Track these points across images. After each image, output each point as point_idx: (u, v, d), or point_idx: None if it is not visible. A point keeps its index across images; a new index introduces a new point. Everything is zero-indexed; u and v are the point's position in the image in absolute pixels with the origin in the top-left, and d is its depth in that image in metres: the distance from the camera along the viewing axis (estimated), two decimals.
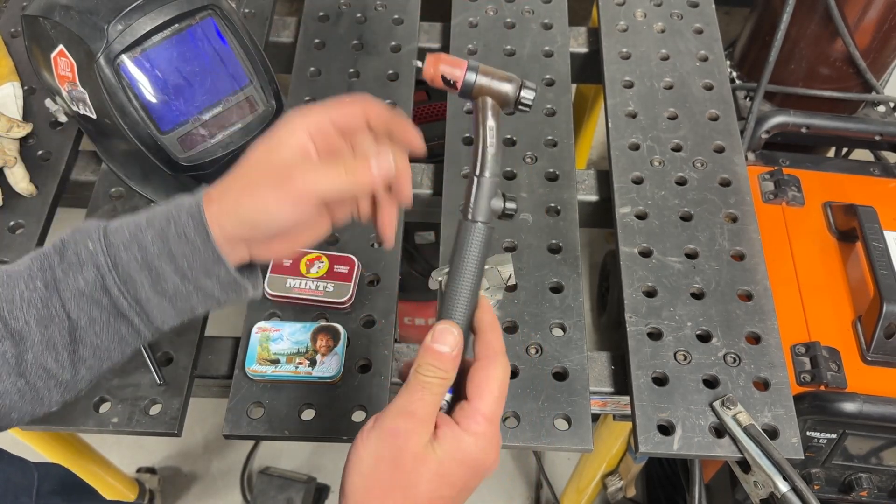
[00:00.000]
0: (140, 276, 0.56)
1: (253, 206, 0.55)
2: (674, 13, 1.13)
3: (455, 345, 0.50)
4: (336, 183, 0.54)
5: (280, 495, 1.60)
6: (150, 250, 0.55)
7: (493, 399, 0.49)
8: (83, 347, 0.57)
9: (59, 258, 0.56)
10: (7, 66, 1.00)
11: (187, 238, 0.55)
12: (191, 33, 0.80)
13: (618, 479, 1.30)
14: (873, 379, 0.86)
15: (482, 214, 0.50)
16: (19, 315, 0.55)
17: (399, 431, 0.47)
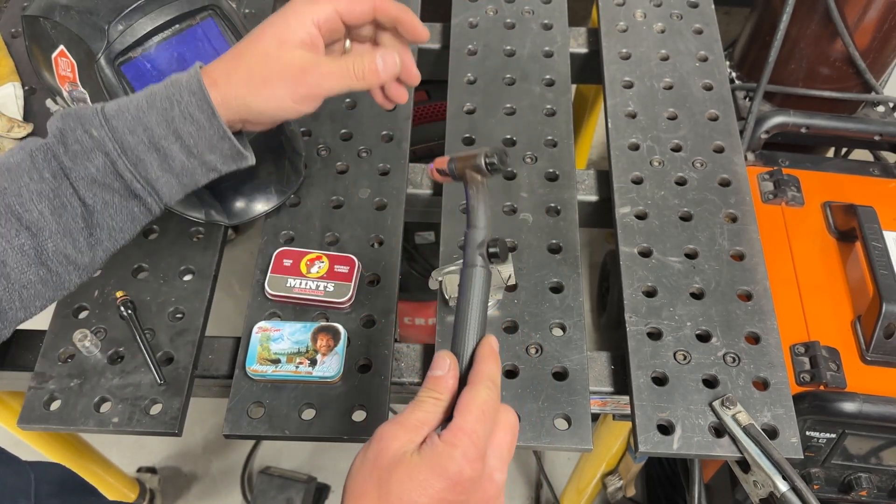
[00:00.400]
0: (149, 157, 0.58)
1: (265, 100, 0.58)
2: (674, 13, 1.13)
3: (447, 369, 0.53)
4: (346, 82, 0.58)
5: (280, 495, 1.61)
6: (157, 131, 0.57)
7: (474, 418, 0.50)
8: (99, 230, 0.59)
9: (62, 148, 0.57)
10: (7, 66, 1.01)
11: (192, 117, 0.57)
12: (191, 33, 0.80)
13: (617, 479, 1.30)
14: (873, 379, 0.86)
15: (477, 260, 0.58)
16: (31, 207, 0.56)
17: (383, 435, 0.50)
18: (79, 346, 0.79)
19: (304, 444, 1.74)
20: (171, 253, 0.88)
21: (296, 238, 0.90)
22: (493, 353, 0.54)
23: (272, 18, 0.59)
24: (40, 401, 0.78)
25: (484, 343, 0.55)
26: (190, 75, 0.59)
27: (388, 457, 0.49)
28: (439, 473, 0.48)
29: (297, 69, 0.58)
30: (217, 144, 0.59)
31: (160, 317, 0.84)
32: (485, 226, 0.59)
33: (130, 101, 0.59)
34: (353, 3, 0.60)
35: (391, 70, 0.60)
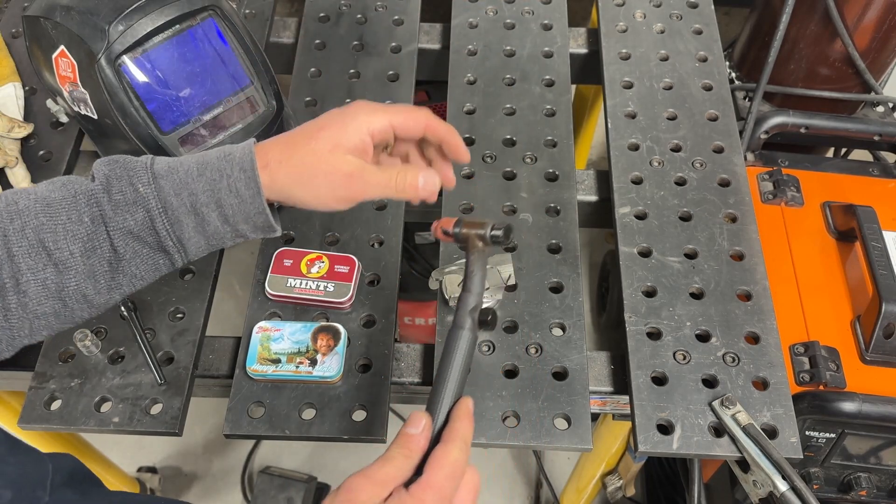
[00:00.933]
0: (187, 220, 0.62)
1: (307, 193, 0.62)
2: (673, 14, 1.14)
3: (422, 428, 0.55)
4: (386, 193, 0.63)
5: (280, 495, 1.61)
6: (200, 198, 0.61)
7: (444, 475, 0.52)
8: (122, 276, 0.62)
9: (107, 196, 0.61)
10: (8, 66, 1.01)
11: (238, 192, 0.61)
12: (191, 34, 0.80)
13: (617, 479, 1.30)
14: (872, 378, 0.86)
15: (465, 323, 0.60)
16: (63, 246, 0.59)
17: (352, 488, 0.51)
18: (79, 345, 0.79)
19: (304, 444, 1.75)
20: None
21: (296, 238, 0.90)
22: (468, 414, 0.57)
23: (332, 118, 0.63)
24: (41, 400, 0.78)
25: (461, 404, 0.57)
26: (244, 152, 0.62)
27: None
28: None
29: (344, 174, 0.62)
30: (253, 217, 0.63)
31: (160, 317, 0.84)
32: (479, 292, 0.62)
33: (181, 164, 0.62)
34: (408, 120, 0.64)
35: (430, 190, 0.64)
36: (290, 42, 1.13)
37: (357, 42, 1.09)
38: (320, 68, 1.06)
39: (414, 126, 0.65)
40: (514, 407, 0.78)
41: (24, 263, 0.58)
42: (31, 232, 0.59)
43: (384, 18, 1.12)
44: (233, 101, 0.84)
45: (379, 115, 0.63)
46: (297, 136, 0.63)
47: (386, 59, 1.07)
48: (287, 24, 1.15)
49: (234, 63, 0.84)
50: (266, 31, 1.10)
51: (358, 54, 1.08)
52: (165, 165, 0.62)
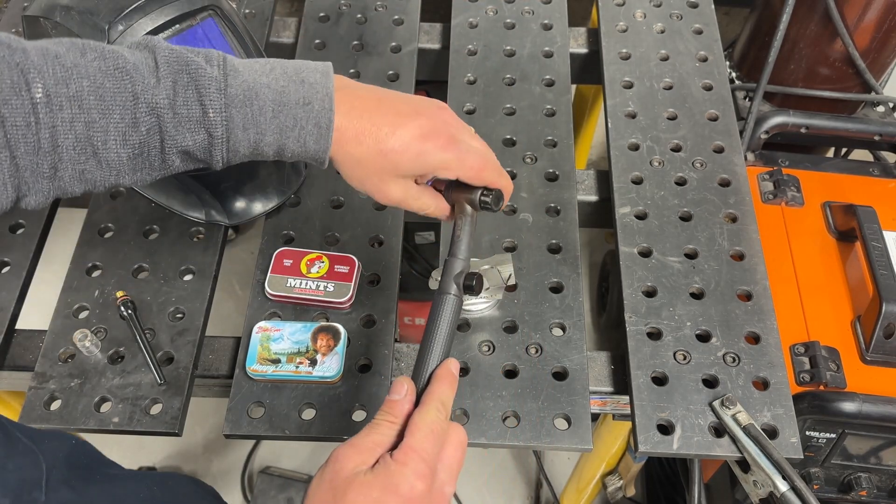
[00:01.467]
0: (245, 150, 0.60)
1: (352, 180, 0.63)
2: (673, 13, 1.14)
3: (404, 394, 0.56)
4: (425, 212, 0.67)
5: (280, 495, 1.61)
6: (266, 139, 0.60)
7: (422, 436, 0.53)
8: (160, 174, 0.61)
9: (170, 113, 0.57)
10: None
11: (304, 144, 0.61)
12: (191, 34, 0.80)
13: (617, 479, 1.30)
14: (872, 379, 0.86)
15: (451, 288, 0.61)
16: (112, 148, 0.56)
17: (338, 457, 0.52)
18: (79, 346, 0.79)
19: (304, 444, 1.74)
20: (172, 253, 0.88)
21: (296, 238, 0.90)
22: (448, 375, 0.57)
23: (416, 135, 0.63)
24: (41, 400, 0.78)
25: (442, 365, 0.59)
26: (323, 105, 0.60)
27: (343, 477, 0.51)
28: (392, 491, 0.50)
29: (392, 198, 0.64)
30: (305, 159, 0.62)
31: (160, 317, 0.84)
32: (465, 258, 0.63)
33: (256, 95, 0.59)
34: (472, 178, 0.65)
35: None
36: (290, 42, 1.13)
37: (357, 42, 1.09)
38: None
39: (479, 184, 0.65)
40: (514, 407, 0.78)
41: (67, 155, 0.55)
42: (81, 126, 0.54)
43: (384, 18, 1.12)
44: None
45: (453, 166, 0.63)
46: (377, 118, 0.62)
47: (386, 58, 1.07)
48: (287, 24, 1.15)
49: None
50: (266, 30, 1.10)
51: (358, 54, 1.08)
52: (241, 91, 0.59)
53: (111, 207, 0.92)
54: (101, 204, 0.92)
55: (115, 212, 0.92)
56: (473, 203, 0.63)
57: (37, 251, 0.89)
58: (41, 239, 0.90)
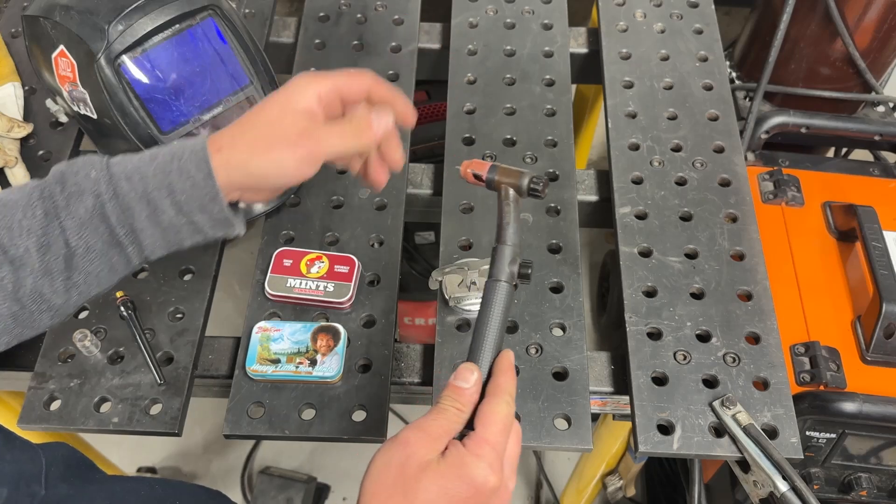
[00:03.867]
0: (138, 206, 0.59)
1: (267, 163, 0.60)
2: (674, 13, 1.13)
3: (473, 382, 0.55)
4: (346, 143, 0.62)
5: (280, 495, 1.61)
6: (151, 182, 0.59)
7: (497, 430, 0.52)
8: (77, 273, 0.59)
9: (60, 188, 0.58)
10: (8, 66, 1.01)
11: (188, 174, 0.59)
12: (191, 33, 0.80)
13: (617, 479, 1.30)
14: (873, 379, 0.86)
15: (504, 275, 0.59)
16: (19, 242, 0.57)
17: (409, 441, 0.51)
18: (79, 346, 0.79)
19: (304, 444, 1.74)
20: (172, 253, 0.88)
21: (296, 238, 0.90)
22: (511, 368, 0.57)
23: (278, 91, 0.63)
24: (40, 401, 0.78)
25: (503, 357, 0.57)
26: (197, 139, 0.61)
27: (415, 464, 0.50)
28: (466, 482, 0.50)
29: (297, 133, 0.60)
30: (207, 205, 0.60)
31: (160, 317, 0.84)
32: (515, 243, 0.60)
33: (137, 155, 0.61)
34: (351, 81, 0.64)
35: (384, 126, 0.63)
36: (290, 42, 1.12)
37: (357, 42, 1.09)
38: (320, 68, 1.06)
39: (358, 87, 0.64)
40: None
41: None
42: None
43: (384, 18, 1.12)
44: (232, 100, 0.84)
45: (323, 79, 0.63)
46: (247, 116, 0.62)
47: (386, 58, 1.07)
48: (287, 24, 1.15)
49: (234, 63, 0.84)
50: (266, 30, 1.10)
51: (358, 54, 1.08)
52: (121, 157, 0.61)
53: None
54: None
55: None
56: (520, 189, 0.61)
57: None
58: None
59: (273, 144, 0.60)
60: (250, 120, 0.62)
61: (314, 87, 0.62)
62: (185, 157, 0.59)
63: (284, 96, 0.62)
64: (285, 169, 0.60)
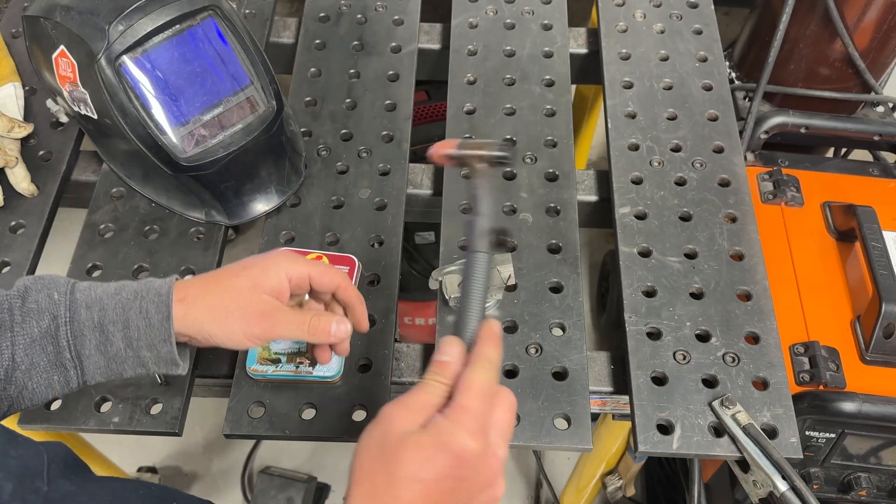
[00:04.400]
0: (91, 335, 0.61)
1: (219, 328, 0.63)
2: (673, 14, 1.14)
3: (456, 355, 0.55)
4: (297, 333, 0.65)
5: (280, 495, 1.61)
6: (108, 315, 0.61)
7: (474, 395, 0.52)
8: (13, 387, 0.60)
9: (20, 302, 0.60)
10: (8, 66, 1.01)
11: (146, 314, 0.61)
12: (191, 34, 0.80)
13: (617, 479, 1.30)
14: (872, 378, 0.86)
15: (481, 246, 0.59)
16: None
17: (390, 416, 0.52)
18: None
19: (304, 444, 1.75)
20: (172, 253, 0.88)
21: (296, 238, 0.90)
22: (493, 336, 0.56)
23: (255, 261, 0.66)
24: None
25: (485, 326, 0.57)
26: (164, 281, 0.63)
27: (394, 436, 0.50)
28: (445, 450, 0.49)
29: (258, 311, 0.63)
30: (157, 345, 0.62)
31: None
32: (490, 214, 0.60)
33: (105, 285, 0.63)
34: (323, 276, 0.67)
35: (341, 336, 0.66)
36: (290, 42, 1.13)
37: (357, 42, 1.09)
38: (320, 68, 1.06)
39: (328, 283, 0.68)
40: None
41: None
42: None
43: (384, 18, 1.12)
44: (233, 100, 0.84)
45: (299, 265, 0.66)
46: (220, 275, 0.65)
47: (386, 58, 1.07)
48: (287, 24, 1.15)
49: (234, 63, 0.84)
50: (266, 30, 1.10)
51: (358, 54, 1.08)
52: (88, 284, 0.63)
53: (111, 207, 0.92)
54: (101, 204, 0.93)
55: (115, 212, 0.92)
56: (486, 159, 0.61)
57: (37, 251, 0.89)
58: (41, 239, 0.90)
59: (231, 314, 0.62)
60: (219, 282, 0.64)
61: (288, 270, 0.65)
62: (147, 297, 0.62)
63: (259, 271, 0.65)
64: (233, 338, 0.63)
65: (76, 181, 0.98)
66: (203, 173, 0.83)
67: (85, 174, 0.98)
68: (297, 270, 0.66)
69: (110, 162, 0.92)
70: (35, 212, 0.91)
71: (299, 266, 0.66)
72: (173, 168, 0.82)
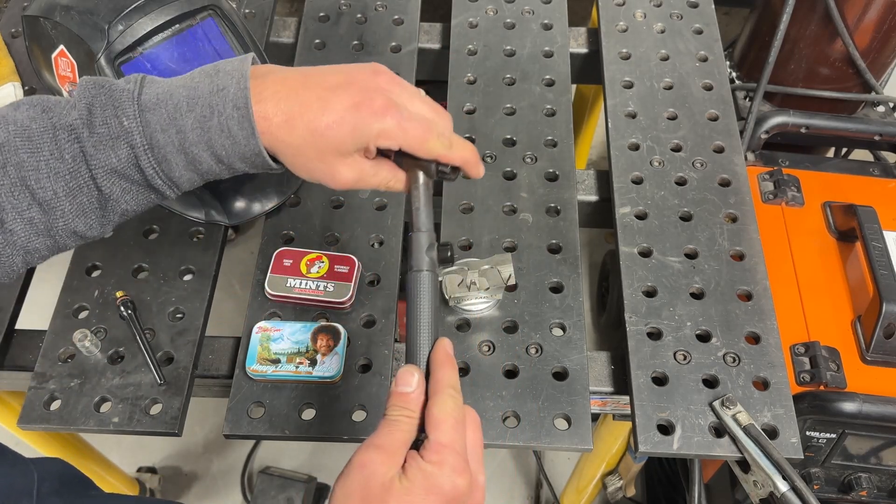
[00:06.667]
0: (176, 159, 0.57)
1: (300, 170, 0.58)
2: (673, 13, 1.13)
3: (416, 384, 0.53)
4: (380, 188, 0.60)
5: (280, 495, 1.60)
6: (189, 137, 0.56)
7: (449, 428, 0.50)
8: (112, 213, 0.59)
9: (88, 131, 0.56)
10: (8, 66, 1.01)
11: (230, 132, 0.56)
12: (191, 33, 0.80)
13: (617, 479, 1.30)
14: (873, 379, 0.86)
15: (423, 264, 0.57)
16: (47, 185, 0.55)
17: (366, 463, 0.49)
18: (79, 346, 0.79)
19: (304, 444, 1.74)
20: (172, 253, 0.88)
21: (296, 238, 0.90)
22: (448, 358, 0.55)
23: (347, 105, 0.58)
24: (40, 401, 0.78)
25: (437, 349, 0.56)
26: (238, 87, 0.56)
27: (377, 486, 0.48)
28: (436, 493, 0.48)
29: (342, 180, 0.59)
30: (249, 158, 0.58)
31: (160, 317, 0.83)
32: (430, 228, 0.58)
33: (170, 96, 0.57)
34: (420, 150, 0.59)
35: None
36: (290, 42, 1.12)
37: (357, 42, 1.09)
38: None
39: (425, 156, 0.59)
40: (514, 407, 0.78)
41: (8, 202, 0.55)
42: (13, 169, 0.54)
43: (384, 18, 1.12)
44: None
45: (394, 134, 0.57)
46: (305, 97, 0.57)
47: (386, 58, 1.07)
48: (287, 24, 1.15)
49: None
50: (266, 30, 1.10)
51: (358, 54, 1.08)
52: (154, 96, 0.57)
53: None
54: None
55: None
56: (428, 171, 0.56)
57: None
58: None
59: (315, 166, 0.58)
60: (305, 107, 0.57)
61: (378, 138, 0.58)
62: (226, 111, 0.56)
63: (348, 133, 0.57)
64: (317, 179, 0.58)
65: None
66: None
67: None
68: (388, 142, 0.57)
69: None
70: None
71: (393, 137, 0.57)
72: None
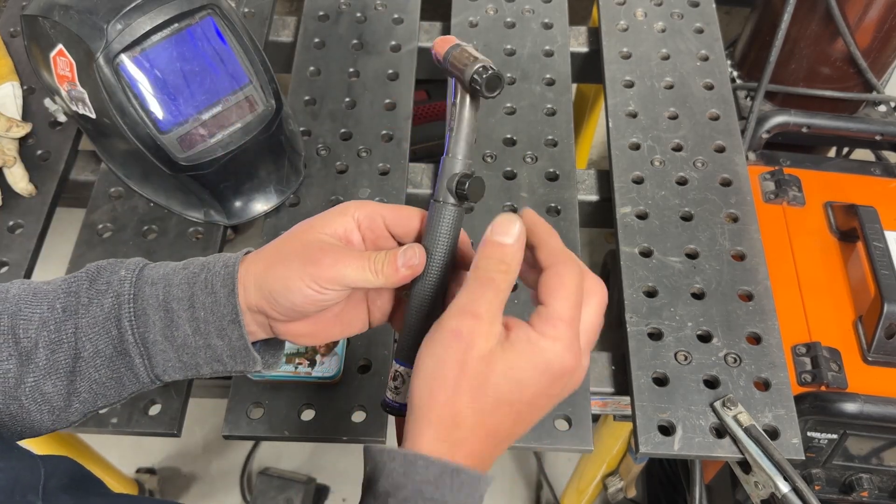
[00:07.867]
0: (154, 315, 0.54)
1: (275, 278, 0.52)
2: (674, 13, 1.13)
3: (518, 236, 0.46)
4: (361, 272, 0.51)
5: (280, 496, 1.60)
6: (174, 292, 0.54)
7: (571, 302, 0.44)
8: (81, 380, 0.54)
9: (88, 284, 0.54)
10: (6, 65, 1.00)
11: (212, 287, 0.53)
12: (190, 33, 0.80)
13: (618, 480, 1.30)
14: (874, 379, 0.86)
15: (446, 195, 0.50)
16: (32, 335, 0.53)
17: (462, 332, 0.44)
18: None
19: (303, 445, 1.74)
20: (171, 253, 0.88)
21: None
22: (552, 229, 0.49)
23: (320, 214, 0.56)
24: None
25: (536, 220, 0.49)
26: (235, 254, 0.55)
27: (476, 358, 0.43)
28: (544, 370, 0.44)
29: (315, 249, 0.52)
30: (226, 328, 0.53)
31: None
32: (465, 156, 0.50)
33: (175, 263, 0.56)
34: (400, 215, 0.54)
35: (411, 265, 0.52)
36: (290, 41, 1.12)
37: (356, 41, 1.09)
38: (319, 67, 1.06)
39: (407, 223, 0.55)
40: None
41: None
42: (7, 319, 0.53)
43: (384, 17, 1.12)
44: (231, 100, 0.83)
45: (368, 206, 0.55)
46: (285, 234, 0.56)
47: (385, 57, 1.07)
48: (286, 23, 1.14)
49: (233, 62, 0.83)
50: (265, 29, 1.10)
51: (357, 53, 1.07)
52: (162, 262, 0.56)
53: (110, 207, 0.92)
54: (99, 204, 0.92)
55: (113, 211, 0.91)
56: (464, 84, 0.48)
57: (35, 251, 0.89)
58: (40, 239, 0.90)
59: (288, 259, 0.52)
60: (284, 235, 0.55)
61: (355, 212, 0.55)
62: (214, 269, 0.53)
63: (319, 217, 0.55)
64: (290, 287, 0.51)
65: (74, 181, 0.97)
66: (202, 173, 0.83)
67: (83, 174, 0.98)
68: (366, 210, 0.54)
69: (109, 161, 0.92)
70: (33, 211, 0.91)
71: (369, 207, 0.55)
72: (172, 168, 0.82)
